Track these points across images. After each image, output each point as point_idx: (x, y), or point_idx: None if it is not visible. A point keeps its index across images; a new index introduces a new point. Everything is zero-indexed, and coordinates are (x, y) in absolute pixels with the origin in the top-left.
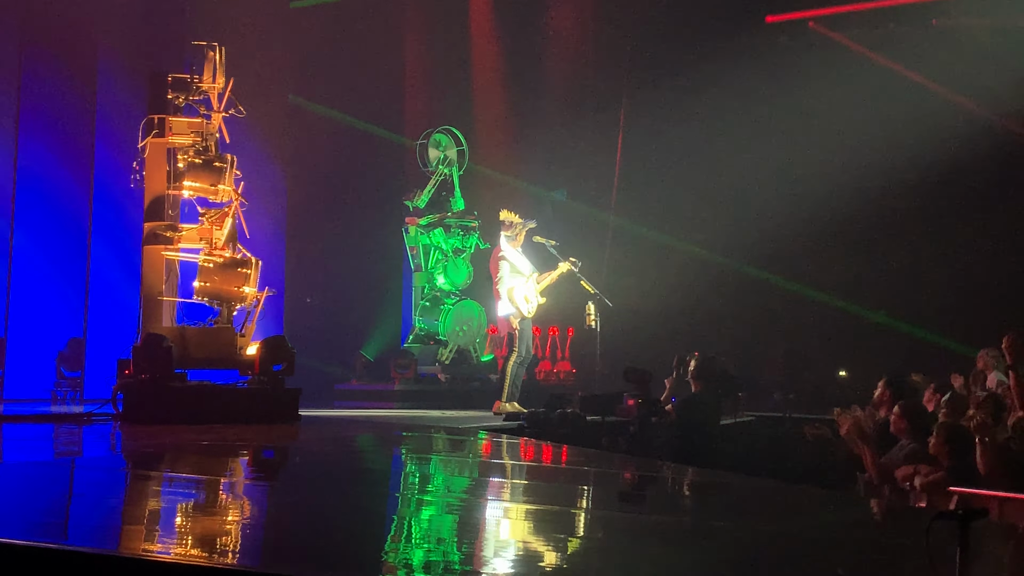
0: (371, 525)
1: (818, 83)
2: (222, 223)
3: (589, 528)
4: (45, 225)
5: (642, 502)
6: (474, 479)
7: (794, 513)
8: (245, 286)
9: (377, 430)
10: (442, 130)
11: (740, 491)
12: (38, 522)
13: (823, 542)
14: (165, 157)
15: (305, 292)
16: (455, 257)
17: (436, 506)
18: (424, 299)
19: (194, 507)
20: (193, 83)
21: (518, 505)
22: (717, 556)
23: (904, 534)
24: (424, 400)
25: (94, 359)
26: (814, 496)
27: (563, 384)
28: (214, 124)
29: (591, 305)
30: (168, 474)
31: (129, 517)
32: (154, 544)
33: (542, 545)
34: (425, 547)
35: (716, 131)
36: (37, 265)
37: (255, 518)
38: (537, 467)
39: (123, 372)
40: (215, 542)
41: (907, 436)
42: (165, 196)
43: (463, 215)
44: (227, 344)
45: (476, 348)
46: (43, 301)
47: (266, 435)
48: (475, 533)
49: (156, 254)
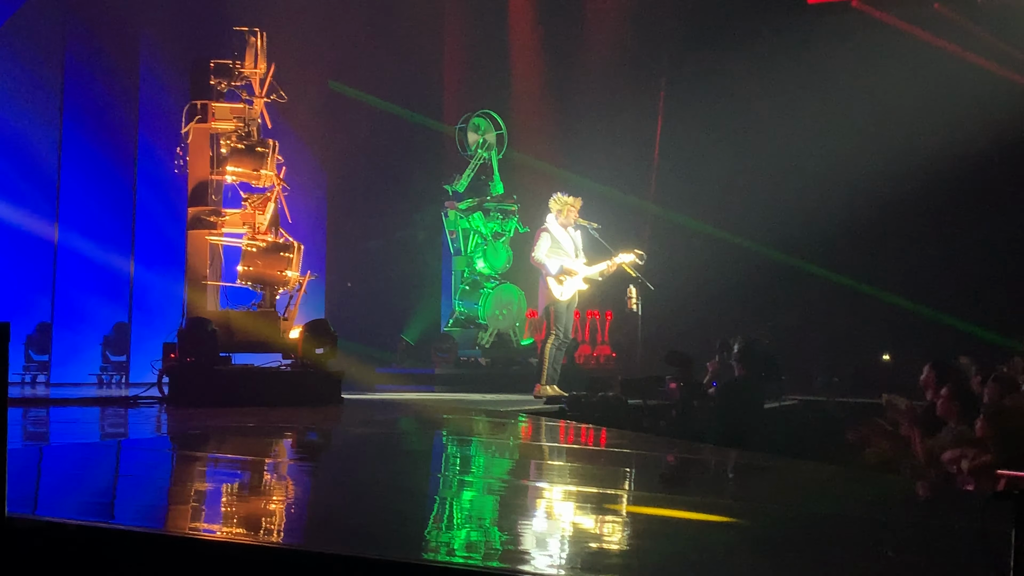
0: (414, 505)
1: (861, 66)
2: (264, 208)
3: (632, 508)
4: (89, 211)
5: (685, 484)
6: (515, 460)
7: (840, 495)
8: (288, 270)
9: (418, 413)
10: (481, 114)
11: (785, 473)
12: (87, 502)
13: (870, 524)
14: (208, 142)
15: (346, 276)
16: (494, 241)
17: (477, 487)
18: (464, 283)
19: (239, 487)
20: (235, 69)
21: (558, 486)
22: (763, 537)
23: (953, 516)
24: (465, 384)
25: (139, 343)
26: (859, 478)
27: (603, 368)
28: (256, 110)
29: (633, 289)
30: (213, 455)
31: (175, 497)
32: (200, 523)
33: (582, 526)
34: (467, 527)
35: (757, 116)
36: (82, 250)
37: (299, 498)
38: (578, 449)
39: (168, 356)
40: (260, 521)
41: (955, 419)
42: (208, 181)
43: (502, 199)
44: (270, 328)
45: (516, 332)
46: (89, 286)
47: (310, 418)
48: (516, 514)
49: (200, 239)
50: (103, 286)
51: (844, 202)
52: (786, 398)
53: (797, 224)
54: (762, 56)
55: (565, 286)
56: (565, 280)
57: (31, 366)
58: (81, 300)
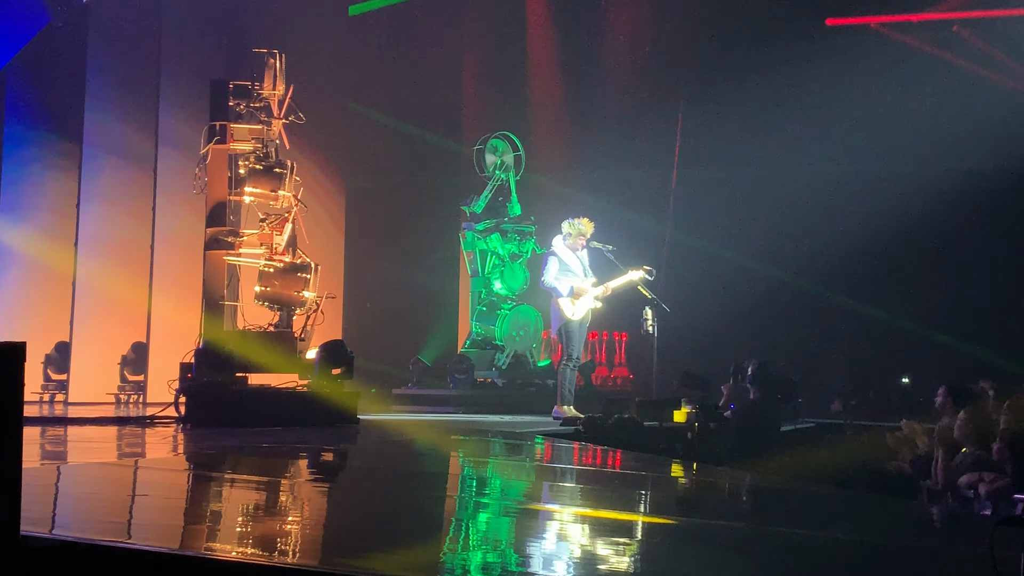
0: (429, 527)
1: (880, 89)
2: (282, 228)
3: (647, 532)
4: (107, 231)
5: (700, 507)
6: (530, 482)
7: (856, 520)
8: (305, 290)
9: (435, 433)
10: (499, 135)
11: (800, 497)
12: (103, 521)
13: (887, 549)
14: (227, 163)
15: (363, 297)
16: (512, 262)
17: (493, 509)
18: (481, 304)
19: (254, 507)
20: (254, 90)
21: (572, 509)
22: (777, 562)
23: (969, 541)
24: (481, 405)
25: (157, 363)
26: (876, 503)
27: (620, 389)
28: (274, 130)
29: (648, 310)
30: (229, 475)
31: (191, 517)
32: (215, 543)
33: (597, 549)
34: (483, 549)
35: (775, 139)
36: (100, 271)
37: (314, 518)
38: (593, 471)
39: (186, 376)
40: (274, 542)
41: (972, 443)
42: (227, 202)
43: (520, 220)
44: (287, 348)
45: (533, 353)
46: (107, 306)
47: (325, 438)
48: (532, 536)
49: (218, 259)
50: (121, 305)
51: (862, 226)
52: (803, 421)
53: (814, 247)
54: (781, 78)
55: (576, 306)
56: (576, 300)
57: (49, 385)
58: (99, 320)
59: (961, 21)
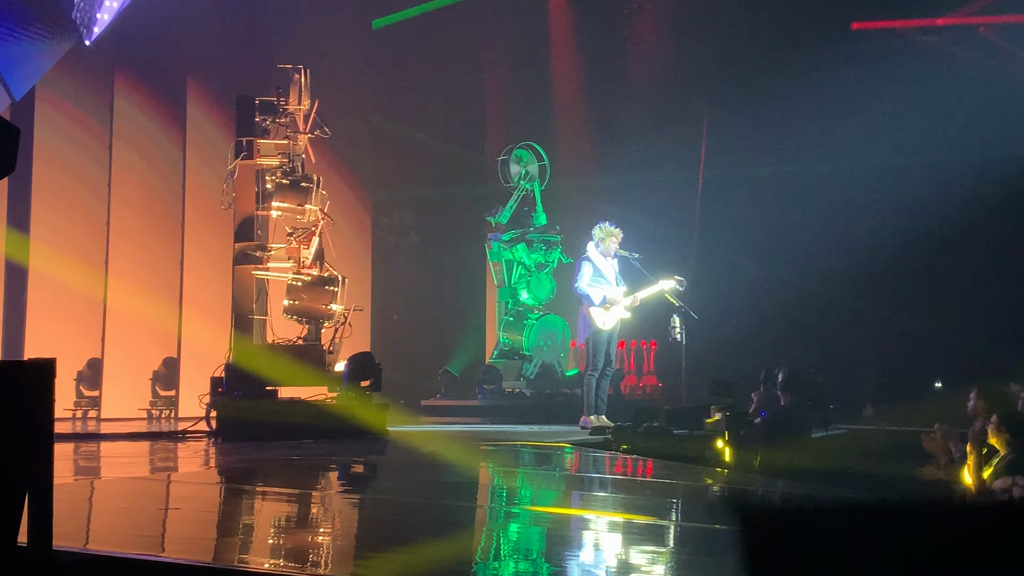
0: (460, 536)
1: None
2: (309, 242)
3: (679, 541)
4: (140, 248)
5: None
6: (560, 491)
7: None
8: (332, 303)
9: (464, 444)
10: (523, 145)
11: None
12: (136, 535)
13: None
14: (254, 178)
15: (390, 309)
16: (538, 272)
17: (524, 518)
18: (508, 314)
19: (286, 520)
20: (280, 106)
21: (603, 517)
22: None
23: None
24: (509, 415)
25: (188, 378)
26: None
27: (649, 398)
28: (300, 145)
29: (676, 318)
30: (260, 488)
31: (223, 530)
32: (248, 555)
33: (630, 557)
34: (514, 558)
35: (802, 146)
36: (130, 287)
37: (345, 530)
38: (624, 480)
39: (216, 390)
40: (307, 553)
41: (1006, 447)
42: (254, 216)
43: (545, 230)
44: (316, 361)
45: (560, 363)
46: (137, 322)
47: (356, 450)
48: (564, 545)
49: (246, 273)
50: (152, 321)
51: (891, 231)
52: (834, 427)
53: (843, 252)
54: (806, 84)
55: (607, 316)
56: (607, 309)
57: (82, 402)
58: (131, 335)
59: (988, 24)
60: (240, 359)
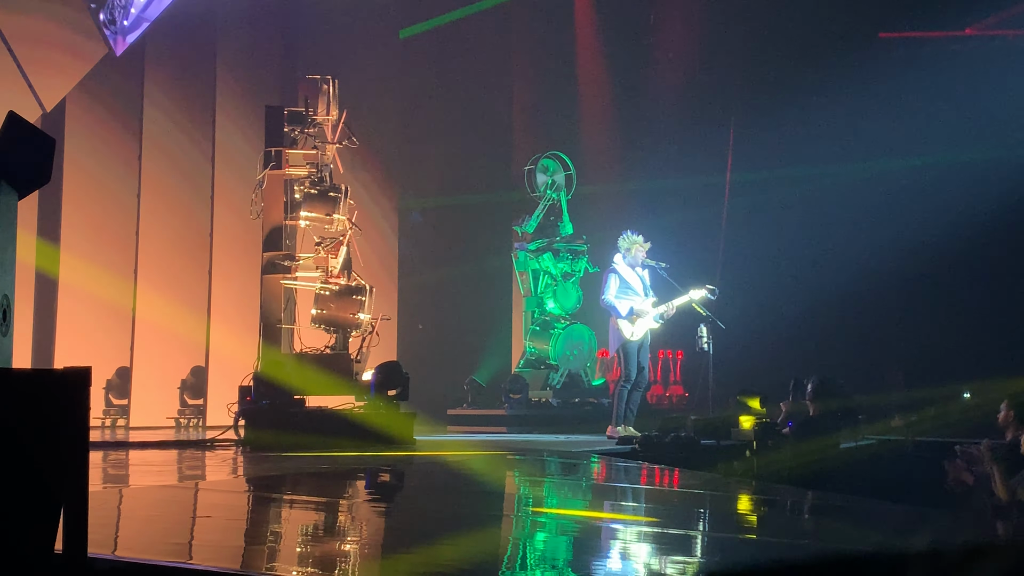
0: (487, 545)
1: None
2: (337, 251)
3: (707, 551)
4: (170, 258)
5: (761, 526)
6: (586, 501)
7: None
8: (360, 313)
9: (490, 453)
10: (549, 155)
11: (863, 514)
12: (166, 542)
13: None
14: (282, 188)
15: (417, 318)
16: (564, 281)
17: (550, 527)
18: (534, 324)
19: (314, 528)
20: (308, 116)
21: (629, 527)
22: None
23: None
24: (536, 424)
25: (216, 386)
26: (939, 520)
27: (676, 408)
28: (328, 155)
29: (703, 328)
30: (289, 496)
31: (252, 537)
32: (276, 563)
33: (656, 567)
34: (541, 568)
35: (829, 152)
36: (159, 296)
37: (374, 539)
38: (651, 490)
39: (244, 399)
40: (335, 561)
41: None
42: (283, 226)
43: (572, 239)
44: (343, 370)
45: (587, 372)
46: (166, 331)
47: (383, 459)
48: (591, 553)
49: (275, 283)
50: (180, 330)
51: (919, 240)
52: (863, 437)
53: (871, 261)
54: (833, 90)
55: (636, 326)
56: (636, 320)
57: (111, 410)
58: (159, 344)
59: None
60: (268, 368)
